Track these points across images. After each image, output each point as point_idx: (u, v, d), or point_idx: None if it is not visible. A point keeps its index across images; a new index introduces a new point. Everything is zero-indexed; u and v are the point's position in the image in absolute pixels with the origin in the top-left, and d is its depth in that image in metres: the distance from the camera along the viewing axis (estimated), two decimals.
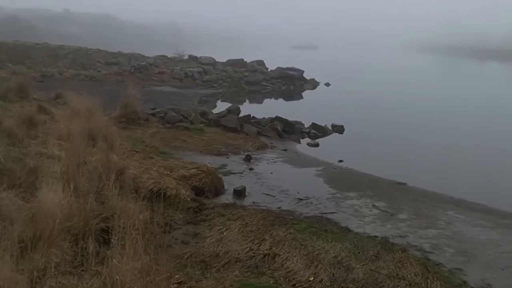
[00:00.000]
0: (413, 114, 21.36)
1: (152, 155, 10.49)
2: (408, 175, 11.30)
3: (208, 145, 12.42)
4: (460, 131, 18.00)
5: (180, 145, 12.19)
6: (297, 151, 13.36)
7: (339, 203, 8.71)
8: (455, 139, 16.43)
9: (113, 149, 9.00)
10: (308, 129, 15.97)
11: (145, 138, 12.33)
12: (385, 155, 13.72)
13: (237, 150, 12.35)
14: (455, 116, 21.63)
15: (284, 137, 14.79)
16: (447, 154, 14.04)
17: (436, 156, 13.86)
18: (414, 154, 14.02)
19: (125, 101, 13.23)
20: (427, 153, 14.14)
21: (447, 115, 21.62)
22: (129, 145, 11.07)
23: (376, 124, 18.65)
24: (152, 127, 13.49)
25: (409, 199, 9.13)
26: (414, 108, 23.02)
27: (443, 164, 12.95)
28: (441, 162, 13.21)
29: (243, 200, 8.57)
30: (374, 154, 13.75)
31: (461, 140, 16.19)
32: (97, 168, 6.00)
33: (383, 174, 11.12)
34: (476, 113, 22.57)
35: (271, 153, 12.64)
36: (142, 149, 10.95)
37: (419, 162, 13.15)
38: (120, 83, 26.22)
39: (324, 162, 12.09)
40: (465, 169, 12.65)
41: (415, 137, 16.38)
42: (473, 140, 16.40)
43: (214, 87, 28.31)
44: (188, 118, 14.72)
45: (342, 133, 16.53)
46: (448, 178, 11.46)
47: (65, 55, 28.48)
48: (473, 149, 14.90)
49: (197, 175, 8.38)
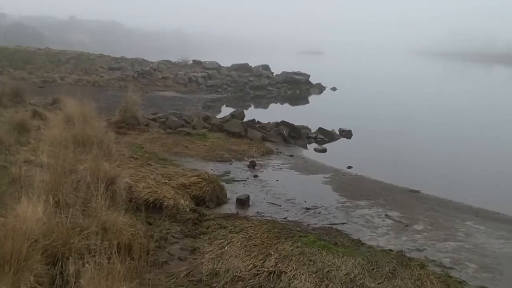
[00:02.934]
0: (423, 119, 20.79)
1: (151, 161, 9.98)
2: (420, 181, 10.76)
3: (210, 151, 11.89)
4: (473, 136, 17.43)
5: (181, 151, 11.65)
6: (304, 157, 12.79)
7: (350, 212, 8.13)
8: (468, 144, 15.86)
9: (109, 156, 8.50)
10: (315, 134, 15.42)
11: (145, 144, 11.81)
12: (395, 160, 13.17)
13: (241, 156, 11.81)
14: (466, 121, 21.03)
15: (290, 143, 14.24)
16: (460, 160, 13.47)
17: (448, 162, 13.28)
18: (425, 159, 13.46)
19: (125, 106, 12.72)
20: (439, 159, 13.57)
21: (457, 120, 21.03)
22: (128, 151, 10.56)
23: (385, 129, 18.10)
24: (153, 132, 12.97)
25: (424, 208, 8.54)
26: (423, 114, 22.44)
27: (456, 170, 12.37)
28: (453, 168, 12.63)
29: (246, 210, 8.01)
30: (384, 159, 13.21)
31: (474, 146, 15.62)
32: (86, 177, 5.47)
33: (394, 181, 10.55)
34: (488, 119, 21.92)
35: (277, 159, 12.09)
36: (141, 155, 10.42)
37: (431, 168, 12.59)
38: (123, 88, 25.77)
39: (332, 168, 11.53)
40: (480, 175, 12.04)
41: (426, 142, 15.80)
42: (486, 146, 15.83)
43: (219, 92, 27.85)
44: (190, 123, 14.20)
45: (350, 138, 15.98)
46: (463, 185, 10.90)
47: (67, 60, 28.11)
48: (487, 155, 14.33)
49: (198, 184, 7.84)
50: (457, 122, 20.71)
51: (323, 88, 32.30)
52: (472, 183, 11.24)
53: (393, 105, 25.21)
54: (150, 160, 10.09)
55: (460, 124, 20.05)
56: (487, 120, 21.30)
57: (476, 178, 11.72)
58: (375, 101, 26.36)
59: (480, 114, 23.66)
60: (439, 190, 9.98)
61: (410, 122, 19.97)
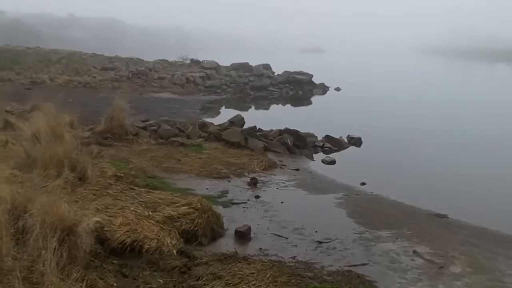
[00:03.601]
0: (436, 123, 19.45)
1: (138, 180, 8.67)
2: (444, 201, 9.49)
3: (206, 165, 10.56)
4: (499, 142, 15.98)
5: (173, 166, 10.32)
6: (311, 170, 11.44)
7: (370, 248, 6.80)
8: (495, 153, 14.45)
9: (85, 179, 7.19)
10: (321, 142, 14.09)
11: (132, 157, 10.47)
12: (411, 174, 11.82)
13: (241, 171, 10.48)
14: (487, 125, 19.63)
15: (295, 153, 12.92)
16: (488, 172, 12.09)
17: (473, 175, 11.91)
18: (445, 172, 12.11)
19: (111, 114, 11.39)
20: (461, 172, 12.22)
21: (475, 125, 19.67)
22: (111, 167, 9.24)
23: (396, 134, 16.82)
24: (142, 143, 11.62)
25: (457, 241, 7.21)
26: (435, 117, 21.11)
27: (484, 186, 10.97)
28: (481, 183, 11.25)
29: (247, 245, 6.69)
30: (399, 172, 11.88)
31: (503, 155, 14.21)
32: (35, 227, 4.14)
33: (415, 201, 9.24)
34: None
35: (281, 174, 10.76)
36: (126, 172, 9.10)
37: (453, 183, 11.27)
38: (116, 89, 24.37)
39: (344, 185, 10.20)
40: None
41: (443, 150, 14.51)
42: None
43: (218, 93, 26.54)
44: (184, 131, 12.88)
45: (359, 146, 14.66)
46: (494, 206, 9.54)
47: (58, 60, 26.73)
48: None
49: (188, 215, 6.50)
50: (476, 126, 19.32)
51: (327, 89, 30.95)
52: (507, 203, 9.88)
53: (401, 107, 23.90)
54: (136, 179, 8.82)
55: (480, 129, 18.67)
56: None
57: (509, 196, 10.38)
58: (382, 102, 25.05)
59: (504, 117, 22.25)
60: (468, 213, 8.67)
61: (423, 126, 18.62)
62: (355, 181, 10.53)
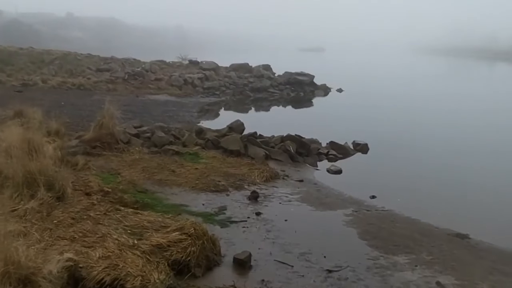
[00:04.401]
0: (445, 126, 18.68)
1: (127, 196, 7.87)
2: (462, 217, 8.76)
3: (203, 177, 9.73)
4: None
5: (166, 178, 9.49)
6: (316, 181, 10.60)
7: (387, 278, 5.97)
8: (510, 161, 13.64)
9: (64, 199, 6.37)
10: (326, 149, 13.28)
11: (123, 168, 9.66)
12: (423, 184, 11.03)
13: (240, 183, 9.67)
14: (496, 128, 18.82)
15: (298, 161, 12.09)
16: (508, 183, 11.26)
17: (492, 187, 11.04)
18: (460, 182, 11.32)
19: (100, 121, 10.55)
20: (477, 181, 11.40)
21: (487, 127, 18.84)
22: (98, 181, 8.43)
23: (403, 139, 15.99)
24: (134, 152, 10.78)
25: (484, 268, 6.38)
26: (444, 119, 20.33)
27: (506, 200, 10.15)
28: (501, 195, 10.42)
29: (247, 275, 5.87)
30: (410, 182, 11.07)
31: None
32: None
33: (431, 218, 8.45)
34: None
35: (284, 186, 9.93)
36: (114, 187, 8.29)
37: (470, 195, 10.43)
38: (111, 91, 23.71)
39: (352, 199, 9.39)
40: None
41: (456, 157, 13.72)
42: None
43: (217, 95, 25.74)
44: (180, 138, 12.05)
45: (366, 153, 13.84)
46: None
47: (52, 61, 25.86)
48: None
49: (180, 242, 5.68)
50: (489, 131, 18.49)
51: (329, 90, 30.14)
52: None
53: (407, 109, 23.08)
54: (125, 194, 8.01)
55: (494, 134, 17.83)
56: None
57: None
58: (387, 105, 24.23)
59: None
60: (491, 232, 7.90)
61: (431, 130, 17.84)
62: (364, 194, 9.73)
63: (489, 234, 7.76)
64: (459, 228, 7.94)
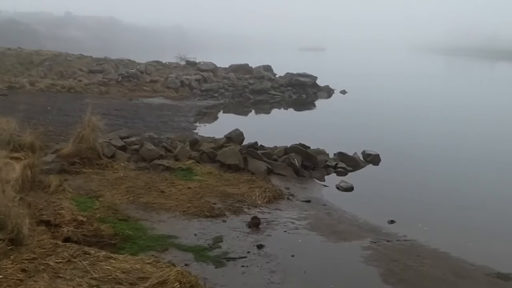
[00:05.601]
0: (462, 131, 17.45)
1: (104, 227, 6.65)
2: (499, 247, 7.43)
3: (196, 198, 8.49)
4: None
5: (154, 200, 8.24)
6: (325, 202, 9.31)
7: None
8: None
9: (19, 241, 5.12)
10: (334, 161, 12.01)
11: (104, 189, 8.40)
12: (444, 201, 9.77)
13: (239, 206, 8.44)
14: None
15: (304, 176, 10.84)
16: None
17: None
18: (487, 198, 10.06)
19: (81, 133, 9.28)
20: (506, 200, 10.12)
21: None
22: (72, 207, 7.21)
23: (417, 148, 14.73)
24: (119, 168, 9.50)
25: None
26: (459, 123, 19.12)
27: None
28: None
29: None
30: (430, 202, 9.75)
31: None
32: None
33: (462, 250, 7.19)
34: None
35: (289, 208, 8.68)
36: (90, 215, 7.06)
37: (503, 217, 9.15)
38: (103, 94, 22.49)
39: (368, 225, 8.12)
40: None
41: (477, 166, 12.51)
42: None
43: (215, 98, 24.47)
44: (172, 151, 10.78)
45: (377, 164, 12.57)
46: None
47: (41, 62, 24.55)
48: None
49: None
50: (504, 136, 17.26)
51: (332, 92, 28.86)
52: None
53: (415, 113, 21.81)
54: (103, 225, 6.78)
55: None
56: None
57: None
58: (393, 107, 23.01)
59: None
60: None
61: (445, 136, 16.62)
62: (381, 217, 8.47)
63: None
64: (498, 264, 6.69)
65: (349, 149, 12.88)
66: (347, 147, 13.10)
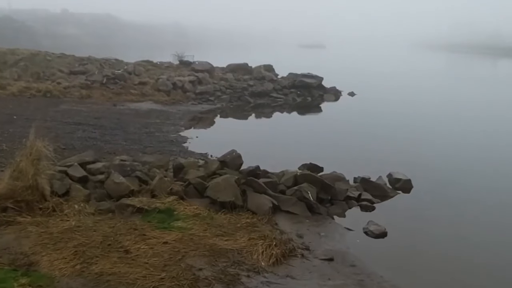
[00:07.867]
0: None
1: None
2: None
3: (174, 261, 6.01)
4: None
5: (112, 268, 5.72)
6: (354, 260, 6.73)
7: None
8: None
9: None
10: (356, 190, 9.51)
11: (41, 252, 5.88)
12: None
13: (235, 272, 5.97)
14: None
15: (320, 212, 8.35)
16: None
17: None
18: None
19: (18, 164, 6.74)
20: None
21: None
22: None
23: (449, 164, 12.31)
24: (70, 214, 6.96)
25: None
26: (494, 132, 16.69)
27: None
28: None
29: None
30: (491, 248, 7.29)
31: None
32: None
33: None
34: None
35: (305, 274, 6.17)
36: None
37: None
38: (84, 99, 19.95)
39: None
40: None
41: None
42: None
43: (211, 101, 21.93)
44: (148, 183, 8.24)
45: (409, 193, 10.08)
46: None
47: (16, 62, 21.97)
48: None
49: None
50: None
51: (339, 94, 26.28)
52: None
53: (435, 118, 19.37)
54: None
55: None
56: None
57: None
58: (408, 112, 20.60)
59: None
60: None
61: (483, 149, 14.22)
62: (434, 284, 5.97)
63: None
64: None
65: (370, 169, 10.56)
66: (366, 166, 10.87)
